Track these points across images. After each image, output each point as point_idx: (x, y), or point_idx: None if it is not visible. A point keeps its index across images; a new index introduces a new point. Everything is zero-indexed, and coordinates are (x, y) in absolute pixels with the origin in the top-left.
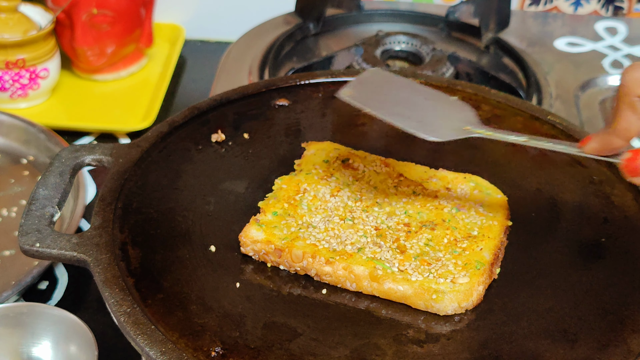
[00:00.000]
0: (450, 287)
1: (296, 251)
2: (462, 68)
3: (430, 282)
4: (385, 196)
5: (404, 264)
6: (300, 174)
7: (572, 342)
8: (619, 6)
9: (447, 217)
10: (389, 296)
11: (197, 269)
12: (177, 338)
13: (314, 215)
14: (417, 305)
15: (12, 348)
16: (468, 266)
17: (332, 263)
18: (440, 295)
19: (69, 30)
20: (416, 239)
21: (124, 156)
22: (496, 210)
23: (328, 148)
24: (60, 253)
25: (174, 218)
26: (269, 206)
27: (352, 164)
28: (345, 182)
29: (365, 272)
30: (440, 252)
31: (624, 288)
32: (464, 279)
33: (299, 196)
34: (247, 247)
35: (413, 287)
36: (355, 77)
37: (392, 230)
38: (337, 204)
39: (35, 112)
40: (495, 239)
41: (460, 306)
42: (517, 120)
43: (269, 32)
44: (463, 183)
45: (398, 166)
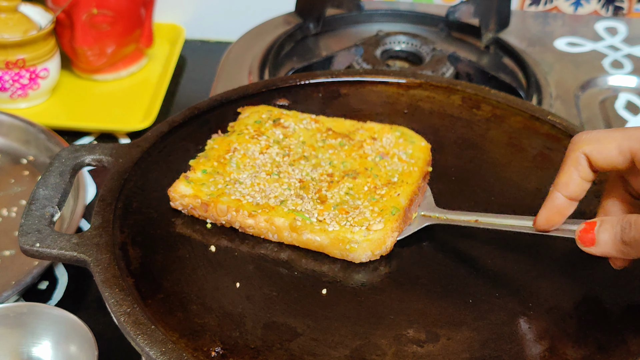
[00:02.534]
0: (364, 235)
1: (221, 205)
2: (462, 68)
3: (346, 232)
4: (313, 149)
5: (323, 214)
6: (233, 134)
7: (572, 342)
8: (619, 6)
9: (370, 166)
10: (307, 246)
11: (197, 269)
12: (177, 338)
13: (241, 172)
14: (334, 254)
15: (12, 348)
16: (384, 212)
17: (255, 216)
18: (353, 245)
19: (69, 30)
20: (337, 189)
21: (124, 156)
22: (418, 157)
23: (261, 110)
24: (60, 253)
25: (174, 218)
26: (199, 164)
27: (283, 123)
28: (275, 139)
29: (286, 224)
30: (359, 200)
31: (624, 288)
32: (378, 225)
33: (228, 155)
34: (176, 202)
35: (329, 237)
36: None
37: (315, 181)
38: (265, 160)
39: (35, 112)
40: (413, 185)
41: (374, 254)
42: (517, 120)
43: (269, 32)
44: (389, 133)
45: (327, 121)
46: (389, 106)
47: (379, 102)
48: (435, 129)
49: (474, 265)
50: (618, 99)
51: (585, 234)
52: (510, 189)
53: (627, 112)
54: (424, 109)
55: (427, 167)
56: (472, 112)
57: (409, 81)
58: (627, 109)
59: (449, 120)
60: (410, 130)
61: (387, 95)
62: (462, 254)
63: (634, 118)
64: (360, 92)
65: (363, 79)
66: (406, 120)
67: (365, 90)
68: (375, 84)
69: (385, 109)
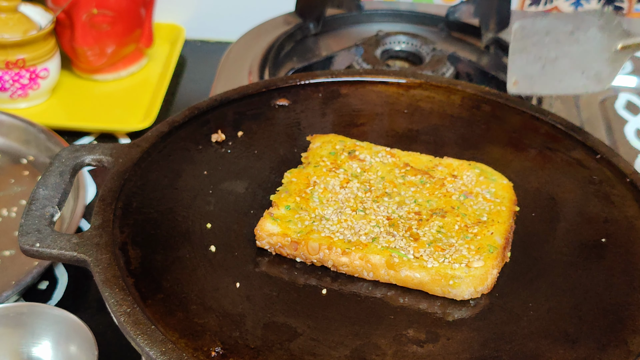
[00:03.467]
0: (465, 271)
1: (312, 243)
2: (462, 68)
3: (446, 268)
4: (394, 186)
5: (419, 251)
6: (309, 166)
7: (572, 342)
8: (619, 6)
9: (456, 204)
10: (406, 283)
11: (197, 269)
12: (177, 338)
13: (326, 207)
14: (434, 292)
15: (12, 348)
16: (481, 250)
17: (349, 253)
18: (456, 281)
19: (69, 30)
20: (428, 227)
21: (124, 156)
22: (502, 195)
23: (333, 140)
24: (60, 253)
25: (174, 218)
26: (281, 200)
27: (358, 155)
28: (354, 173)
29: (382, 261)
30: (453, 238)
31: (624, 288)
32: (478, 263)
33: (309, 189)
34: (262, 241)
35: (430, 273)
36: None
37: (403, 219)
38: (347, 195)
39: (35, 112)
40: (505, 223)
41: (476, 290)
42: (517, 120)
43: (269, 32)
44: (468, 170)
45: (404, 156)
46: (389, 106)
47: (379, 102)
48: (435, 129)
49: None
50: (618, 99)
51: None
52: None
53: (627, 112)
54: (424, 109)
55: (515, 207)
56: (472, 112)
57: (409, 81)
58: (627, 109)
59: (449, 120)
60: (489, 167)
61: (387, 95)
62: None
63: (634, 118)
64: (360, 92)
65: (363, 79)
66: (406, 120)
67: (365, 90)
68: (375, 84)
69: (385, 109)
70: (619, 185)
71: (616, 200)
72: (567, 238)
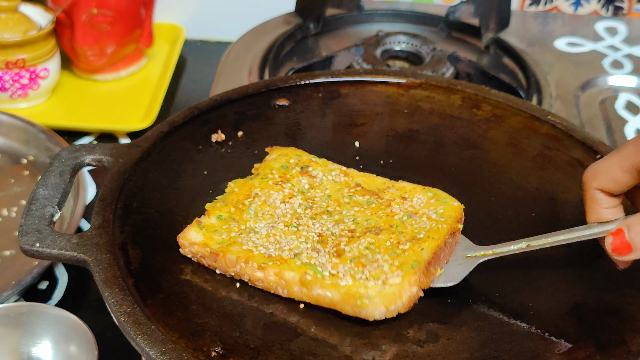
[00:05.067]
0: (379, 289)
1: (230, 256)
2: (462, 68)
3: (359, 287)
4: (338, 205)
5: (337, 268)
6: (256, 178)
7: (572, 342)
8: (619, 6)
9: (396, 224)
10: (318, 302)
11: (197, 269)
12: (177, 338)
13: (259, 220)
14: (346, 312)
15: (12, 348)
16: (403, 266)
17: (264, 269)
18: (365, 301)
19: (69, 30)
20: (357, 243)
21: (124, 156)
22: (449, 215)
23: (290, 153)
24: (60, 253)
25: (174, 218)
26: (215, 209)
27: (311, 171)
28: (300, 189)
29: (296, 278)
30: (379, 254)
31: (624, 288)
32: (395, 279)
33: (248, 200)
34: (185, 249)
35: (340, 292)
36: None
37: (335, 236)
38: (285, 210)
39: (35, 112)
40: (439, 240)
41: (388, 310)
42: (517, 120)
43: (269, 32)
44: (421, 193)
45: (358, 176)
46: (389, 106)
47: (379, 102)
48: (435, 129)
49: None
50: (618, 99)
51: (617, 241)
52: (510, 189)
53: (627, 112)
54: (424, 109)
55: (457, 225)
56: (472, 112)
57: (409, 81)
58: (627, 109)
59: (449, 120)
60: (444, 192)
61: (387, 95)
62: None
63: (634, 118)
64: (360, 92)
65: (363, 79)
66: (406, 120)
67: (365, 90)
68: (375, 84)
69: (385, 109)
70: None
71: None
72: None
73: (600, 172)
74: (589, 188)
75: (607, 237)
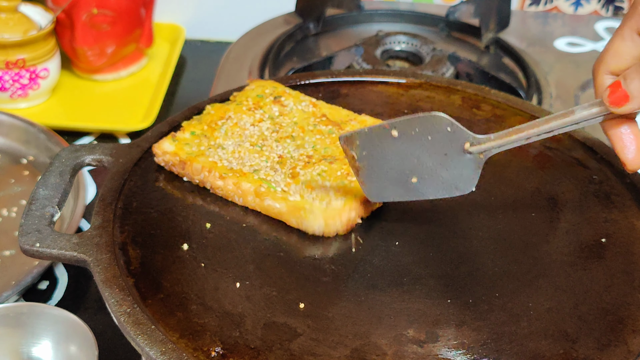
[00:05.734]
0: (322, 207)
1: (196, 165)
2: (462, 68)
3: (305, 203)
4: (302, 131)
5: (290, 186)
6: (232, 103)
7: (572, 342)
8: (619, 6)
9: None
10: (268, 212)
11: (197, 269)
12: (177, 338)
13: (228, 139)
14: (290, 223)
15: (12, 348)
16: (347, 194)
17: (224, 178)
18: (307, 213)
19: (69, 30)
20: (312, 169)
21: (124, 156)
22: None
23: (267, 85)
24: (60, 253)
25: (174, 218)
26: (190, 126)
27: (283, 101)
28: (270, 115)
29: (252, 189)
30: (329, 182)
31: (624, 288)
32: (337, 202)
33: (221, 121)
34: (159, 158)
35: (288, 205)
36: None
37: (294, 159)
38: (253, 132)
39: (35, 112)
40: None
41: (327, 224)
42: (517, 120)
43: (269, 32)
44: None
45: (325, 108)
46: (389, 106)
47: (379, 102)
48: None
49: (474, 265)
50: None
51: (614, 92)
52: (510, 189)
53: None
54: (424, 109)
55: None
56: (472, 112)
57: (409, 81)
58: None
59: None
60: None
61: (387, 95)
62: (462, 254)
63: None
64: (360, 92)
65: (363, 79)
66: None
67: (365, 90)
68: (375, 84)
69: (385, 109)
70: (619, 185)
71: (616, 200)
72: (567, 238)
73: (606, 53)
74: (598, 75)
75: (605, 91)
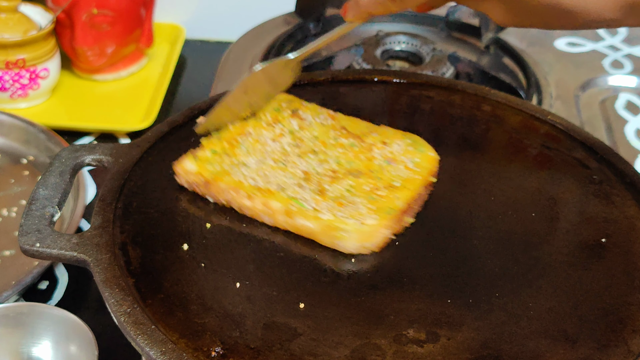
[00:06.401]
0: (356, 227)
1: (222, 184)
2: (462, 68)
3: (338, 222)
4: (323, 145)
5: (320, 204)
6: (250, 119)
7: (572, 342)
8: None
9: (375, 168)
10: (300, 231)
11: (197, 269)
12: (177, 338)
13: (250, 156)
14: (324, 242)
15: (12, 348)
16: (379, 211)
17: (252, 198)
18: (343, 234)
19: (69, 30)
20: (339, 184)
21: (124, 156)
22: (424, 167)
23: (282, 98)
24: (60, 253)
25: (174, 218)
26: (210, 143)
27: (301, 114)
28: (290, 129)
29: (282, 208)
30: (358, 198)
31: (624, 288)
32: (371, 221)
33: (241, 137)
34: (180, 177)
35: (321, 224)
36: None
37: (319, 175)
38: (275, 148)
39: (35, 112)
40: (413, 191)
41: (362, 245)
42: (517, 120)
43: (269, 32)
44: (401, 139)
45: (343, 120)
46: (389, 106)
47: (379, 102)
48: (435, 129)
49: (474, 265)
50: (618, 99)
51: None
52: (510, 189)
53: (627, 112)
54: (424, 109)
55: (431, 178)
56: (472, 112)
57: (409, 81)
58: (627, 109)
59: (449, 120)
60: (423, 139)
61: (387, 95)
62: (462, 254)
63: (634, 118)
64: (360, 92)
65: (363, 79)
66: (406, 121)
67: (365, 90)
68: (375, 84)
69: (385, 109)
70: (619, 185)
71: (616, 200)
72: (567, 238)
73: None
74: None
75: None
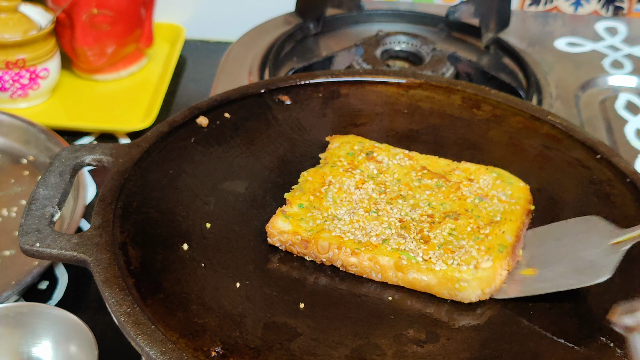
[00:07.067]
0: (473, 273)
1: (322, 242)
2: (462, 68)
3: (454, 271)
4: (409, 189)
5: (428, 254)
6: (326, 166)
7: (572, 342)
8: (619, 6)
9: (470, 207)
10: (413, 286)
11: (197, 269)
12: (177, 338)
13: (339, 207)
14: (441, 295)
15: (12, 348)
16: (491, 250)
17: (358, 254)
18: (463, 284)
19: (69, 30)
20: (440, 229)
21: (124, 156)
22: (518, 196)
23: (352, 141)
24: (60, 253)
25: (174, 218)
26: (295, 198)
27: (376, 157)
28: (370, 174)
29: (391, 263)
30: (464, 240)
31: (624, 288)
32: (487, 264)
33: (324, 188)
34: (274, 238)
35: (437, 276)
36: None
37: (415, 222)
38: (361, 196)
39: (35, 112)
40: (517, 221)
41: (484, 292)
42: (517, 120)
43: (269, 32)
44: (485, 174)
45: (421, 159)
46: (389, 106)
47: (379, 102)
48: (435, 129)
49: None
50: (618, 99)
51: None
52: None
53: (627, 112)
54: (424, 109)
55: (530, 205)
56: (472, 112)
57: (409, 81)
58: (627, 109)
59: (449, 120)
60: (507, 172)
61: (387, 95)
62: None
63: (634, 118)
64: (360, 92)
65: (363, 79)
66: (406, 121)
67: (365, 90)
68: (375, 84)
69: (385, 109)
70: (619, 185)
71: (616, 200)
72: None
73: None
74: None
75: None
